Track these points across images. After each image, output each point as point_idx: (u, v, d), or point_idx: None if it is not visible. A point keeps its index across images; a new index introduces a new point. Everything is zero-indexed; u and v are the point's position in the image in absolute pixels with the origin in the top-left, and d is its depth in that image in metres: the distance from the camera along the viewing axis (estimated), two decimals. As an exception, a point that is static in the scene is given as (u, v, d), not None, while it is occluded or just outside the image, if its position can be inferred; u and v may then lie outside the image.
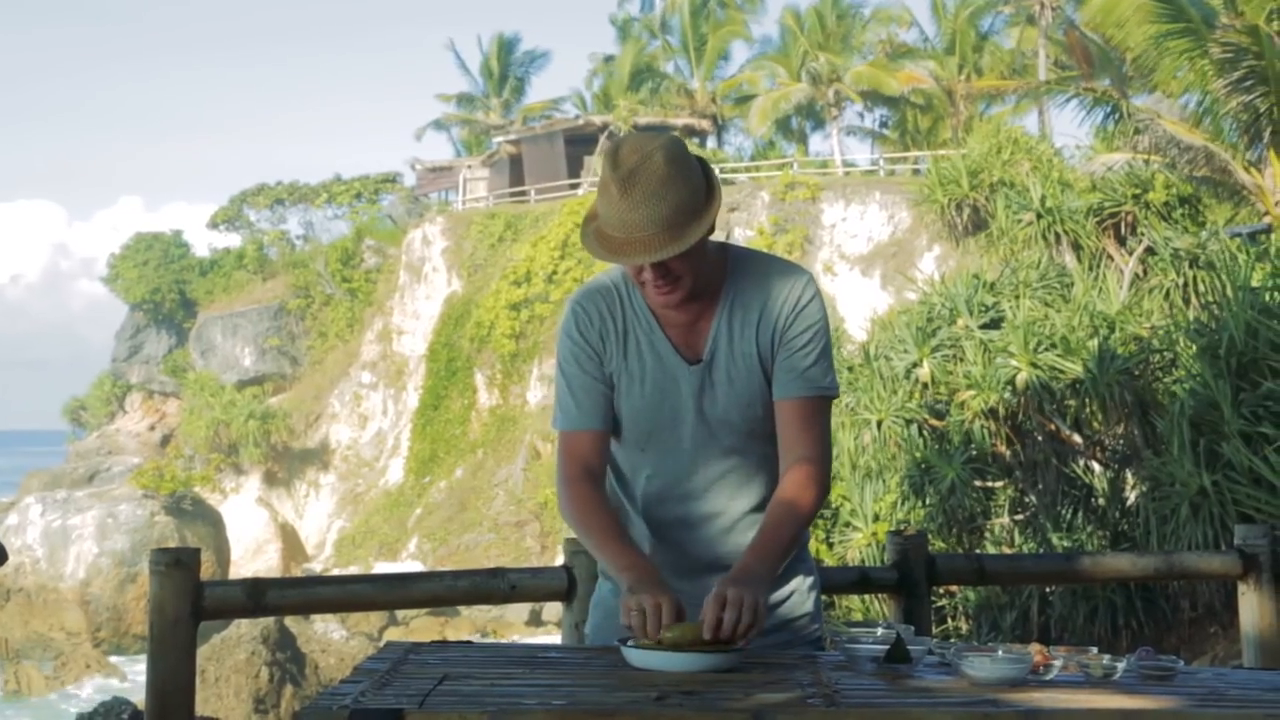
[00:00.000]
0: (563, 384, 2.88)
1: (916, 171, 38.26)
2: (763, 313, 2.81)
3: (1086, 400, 12.08)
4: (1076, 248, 15.57)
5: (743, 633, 2.43)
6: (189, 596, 3.74)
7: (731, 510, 2.85)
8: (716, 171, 2.77)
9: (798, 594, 2.91)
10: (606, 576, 2.97)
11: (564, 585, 4.15)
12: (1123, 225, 15.63)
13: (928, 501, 12.51)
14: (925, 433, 13.11)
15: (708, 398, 2.81)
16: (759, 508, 2.85)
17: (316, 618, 29.05)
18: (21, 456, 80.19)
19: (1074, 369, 12.00)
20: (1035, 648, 2.37)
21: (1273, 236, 13.46)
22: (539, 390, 37.77)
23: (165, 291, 49.39)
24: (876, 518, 12.56)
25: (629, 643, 2.43)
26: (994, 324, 13.45)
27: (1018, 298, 13.65)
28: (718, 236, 2.82)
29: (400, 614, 32.02)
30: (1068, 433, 12.48)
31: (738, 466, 2.85)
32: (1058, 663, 2.34)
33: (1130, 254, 15.05)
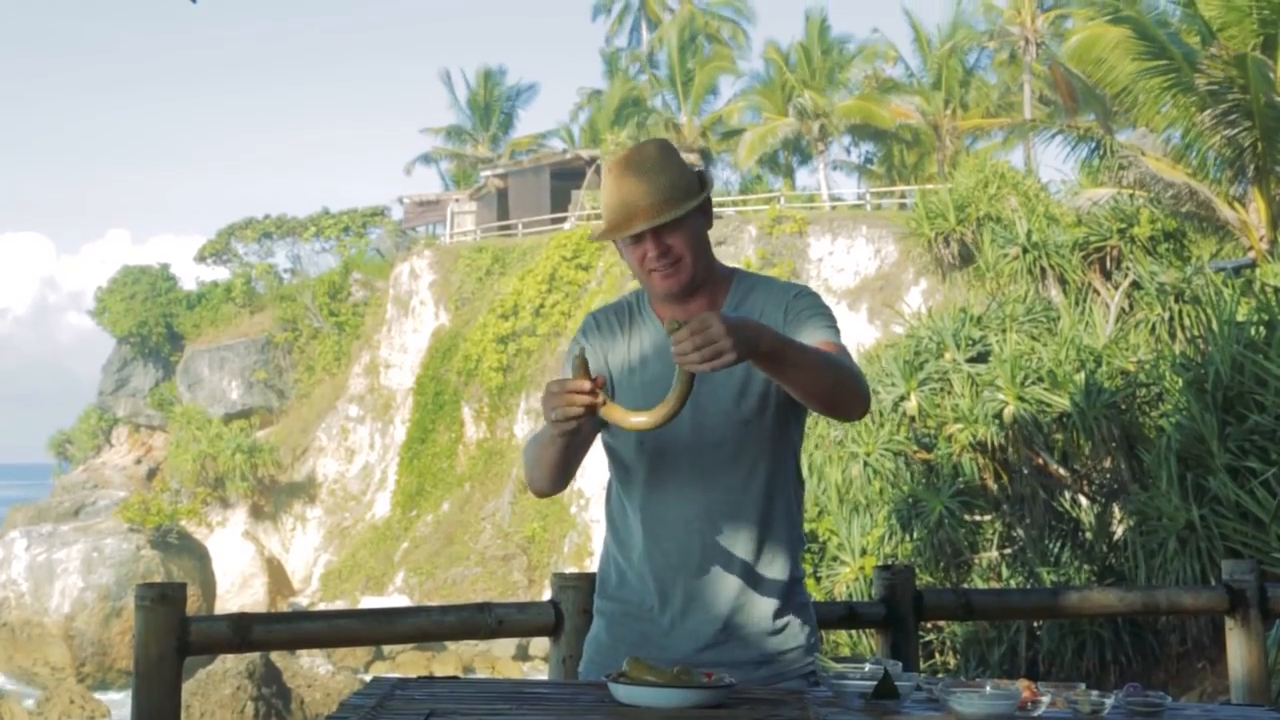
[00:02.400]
0: (566, 372, 2.92)
1: (903, 206, 38.38)
2: (766, 309, 2.89)
3: (1074, 434, 12.11)
4: (1063, 282, 15.62)
5: (698, 347, 2.43)
6: (174, 632, 3.72)
7: (726, 506, 2.86)
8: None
9: (790, 627, 2.90)
10: (600, 614, 2.97)
11: (551, 620, 4.14)
12: (1108, 259, 15.69)
13: (915, 535, 12.51)
14: (913, 466, 13.12)
15: (706, 387, 2.81)
16: (753, 505, 2.86)
17: (303, 652, 28.90)
18: (7, 490, 79.86)
19: (1061, 403, 12.02)
20: (1023, 683, 2.36)
21: (1257, 271, 13.51)
22: (526, 423, 37.71)
23: (152, 325, 49.32)
24: (864, 551, 12.55)
25: (616, 678, 2.42)
26: (981, 358, 13.48)
27: (1004, 331, 13.68)
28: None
29: (387, 649, 31.89)
30: (1055, 466, 12.50)
31: (733, 458, 2.86)
32: (1045, 699, 2.34)
33: (1116, 288, 15.10)
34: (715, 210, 3.02)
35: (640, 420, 2.57)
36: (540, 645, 29.39)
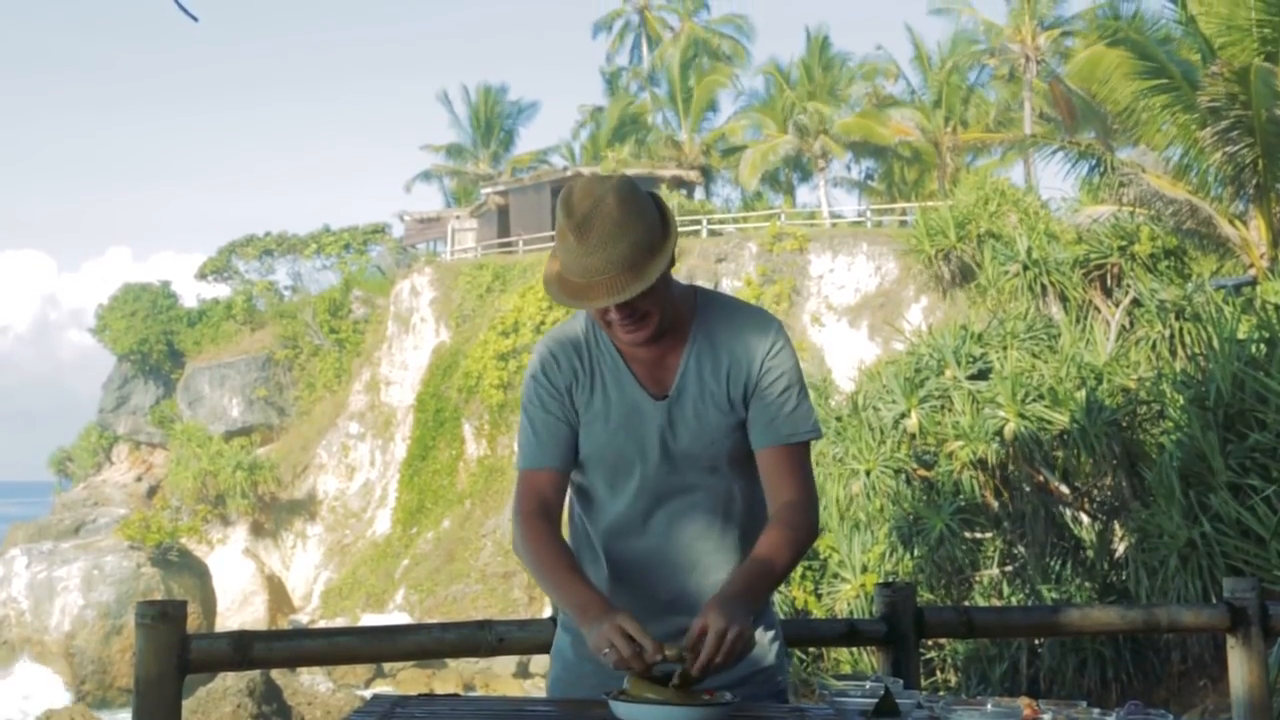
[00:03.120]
0: (525, 424, 2.90)
1: (904, 223, 38.43)
2: (734, 358, 2.82)
3: (1075, 451, 12.10)
4: (1063, 299, 15.64)
5: (720, 664, 2.41)
6: (175, 649, 3.71)
7: (695, 549, 2.84)
8: (686, 215, 2.80)
9: (760, 646, 2.88)
10: (566, 629, 2.95)
11: (551, 637, 4.13)
12: (1109, 277, 15.71)
13: (916, 552, 12.50)
14: (914, 483, 13.12)
15: (673, 432, 2.81)
16: (721, 547, 2.85)
17: (303, 670, 28.86)
18: (7, 507, 79.79)
19: (1062, 420, 12.02)
20: (1024, 701, 2.36)
21: (1258, 288, 13.52)
22: (527, 441, 37.63)
23: (153, 342, 49.35)
24: (865, 569, 12.55)
25: (617, 695, 2.41)
26: (982, 375, 13.49)
27: (1005, 349, 13.69)
28: (705, 284, 2.84)
29: (387, 666, 31.84)
30: (1056, 484, 12.49)
31: (702, 503, 2.84)
32: (1047, 716, 2.33)
33: (1117, 305, 15.11)
34: (716, 227, 3.00)
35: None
36: (541, 663, 29.35)
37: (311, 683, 29.30)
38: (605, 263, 2.60)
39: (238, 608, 38.75)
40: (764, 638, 2.90)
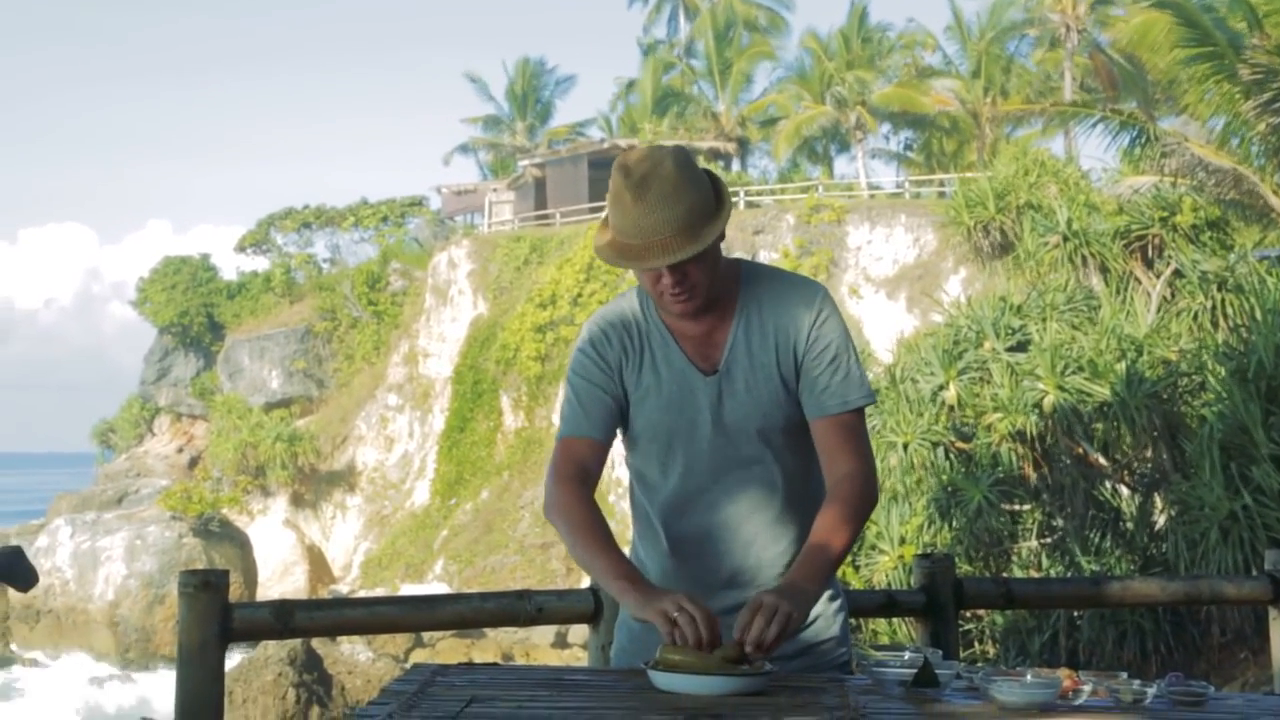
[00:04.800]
0: (570, 394, 2.90)
1: (942, 194, 38.16)
2: (781, 329, 2.82)
3: (1115, 423, 12.03)
4: (1103, 270, 15.53)
5: (769, 643, 2.43)
6: (217, 618, 3.74)
7: (751, 523, 2.85)
8: (728, 188, 2.79)
9: (823, 618, 2.89)
10: None
11: (590, 607, 4.14)
12: (1150, 248, 15.59)
13: (954, 525, 12.47)
14: (952, 456, 13.07)
15: (725, 406, 2.81)
16: (779, 520, 2.85)
17: (343, 639, 29.06)
18: (51, 479, 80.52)
19: (1102, 392, 11.95)
20: (1064, 672, 2.36)
21: (1302, 259, 13.40)
22: (565, 412, 37.69)
23: (193, 315, 49.63)
24: (903, 541, 12.52)
25: (655, 665, 2.42)
26: (1021, 347, 13.41)
27: (1044, 320, 13.61)
28: (743, 256, 2.82)
29: (426, 636, 32.02)
30: (1095, 456, 12.42)
31: (757, 477, 2.84)
32: (1087, 688, 2.33)
33: (1158, 277, 15.00)
34: (754, 199, 2.99)
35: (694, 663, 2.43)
36: (579, 633, 29.46)
37: (352, 652, 29.51)
38: (662, 223, 2.61)
39: (278, 578, 39.03)
40: (828, 609, 2.90)
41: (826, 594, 2.89)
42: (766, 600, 2.46)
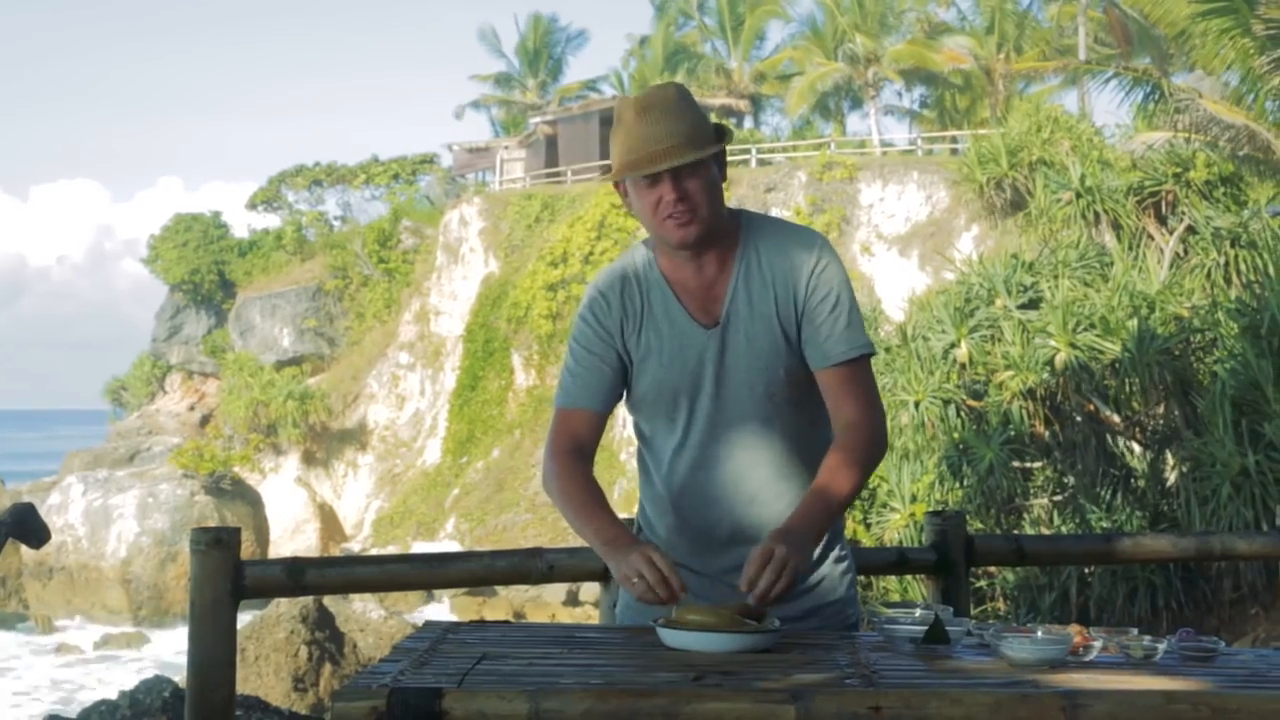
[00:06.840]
0: (570, 363, 2.93)
1: (955, 151, 38.02)
2: (781, 278, 2.82)
3: (1126, 380, 12.02)
4: (1116, 227, 15.46)
5: (778, 594, 2.45)
6: (229, 576, 3.75)
7: (753, 479, 2.84)
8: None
9: (830, 579, 2.89)
10: None
11: (601, 565, 4.13)
12: (1163, 204, 15.51)
13: (966, 482, 12.47)
14: (963, 414, 13.06)
15: (727, 359, 2.81)
16: (781, 476, 2.85)
17: (355, 597, 29.18)
18: (64, 436, 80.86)
19: (1113, 349, 11.93)
20: (1075, 629, 2.36)
21: (1316, 216, 13.33)
22: (576, 371, 37.70)
23: (204, 272, 49.64)
24: (914, 498, 12.53)
25: (666, 623, 2.42)
26: (1032, 304, 13.39)
27: (1057, 278, 13.57)
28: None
29: (438, 594, 32.15)
30: (1107, 413, 12.41)
31: (760, 432, 2.84)
32: (1097, 644, 2.33)
33: (1171, 233, 14.94)
34: (765, 156, 3.01)
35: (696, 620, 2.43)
36: (590, 591, 29.55)
37: (363, 609, 29.57)
38: (666, 133, 2.69)
39: (290, 536, 39.17)
40: (834, 570, 2.90)
41: (833, 555, 2.89)
42: (771, 552, 2.48)
